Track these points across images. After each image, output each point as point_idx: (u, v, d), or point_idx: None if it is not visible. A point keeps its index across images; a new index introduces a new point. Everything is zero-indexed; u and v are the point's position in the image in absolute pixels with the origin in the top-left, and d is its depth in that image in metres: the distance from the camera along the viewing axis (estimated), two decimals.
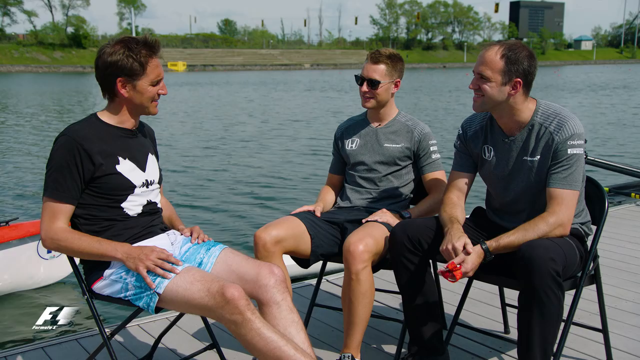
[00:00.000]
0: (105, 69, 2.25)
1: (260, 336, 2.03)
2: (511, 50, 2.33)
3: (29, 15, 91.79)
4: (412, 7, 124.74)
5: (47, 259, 5.24)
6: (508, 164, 2.48)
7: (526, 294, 2.21)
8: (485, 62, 2.35)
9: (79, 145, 2.20)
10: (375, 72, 2.88)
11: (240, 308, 2.02)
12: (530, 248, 2.19)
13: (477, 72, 2.39)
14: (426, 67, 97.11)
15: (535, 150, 2.40)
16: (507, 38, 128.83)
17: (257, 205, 9.05)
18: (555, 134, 2.35)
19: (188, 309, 2.14)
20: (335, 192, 3.13)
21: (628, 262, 4.31)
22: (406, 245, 2.47)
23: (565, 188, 2.34)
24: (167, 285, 2.13)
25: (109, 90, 2.30)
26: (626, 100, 28.23)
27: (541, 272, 2.13)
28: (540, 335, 2.22)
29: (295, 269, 3.00)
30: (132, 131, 2.39)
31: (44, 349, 2.99)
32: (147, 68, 2.26)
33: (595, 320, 2.91)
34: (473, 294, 2.93)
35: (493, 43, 2.39)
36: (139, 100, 2.30)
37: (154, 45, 2.28)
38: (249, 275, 2.29)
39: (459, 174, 2.65)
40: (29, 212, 8.57)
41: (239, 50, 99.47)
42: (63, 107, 26.59)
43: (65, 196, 2.21)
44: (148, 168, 2.41)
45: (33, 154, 13.82)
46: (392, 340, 3.02)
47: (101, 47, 2.29)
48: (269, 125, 19.42)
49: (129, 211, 2.34)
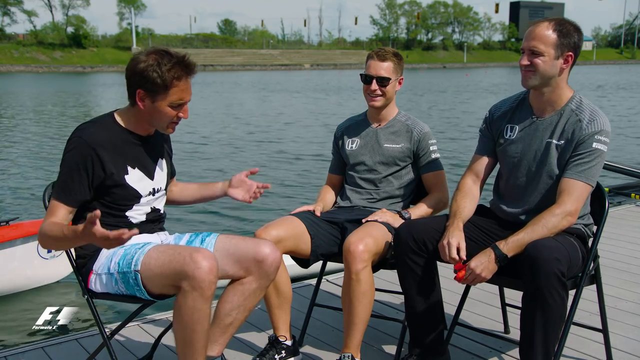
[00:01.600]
0: (130, 75, 2.20)
1: (192, 317, 2.07)
2: (561, 24, 2.34)
3: (29, 15, 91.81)
4: (412, 7, 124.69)
5: (47, 259, 5.24)
6: (531, 143, 2.47)
7: (531, 294, 2.20)
8: (538, 36, 2.34)
9: (92, 151, 2.17)
10: (383, 69, 2.88)
11: (203, 277, 2.02)
12: (535, 249, 2.18)
13: (529, 48, 2.36)
14: (426, 68, 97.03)
15: (562, 135, 2.40)
16: (507, 39, 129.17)
17: (257, 205, 9.04)
18: (585, 124, 2.35)
19: (164, 280, 2.11)
20: (335, 192, 3.13)
21: (628, 263, 4.31)
22: (410, 246, 2.46)
23: (580, 180, 2.34)
24: (142, 260, 2.14)
25: (130, 95, 2.25)
26: (625, 101, 28.22)
27: (547, 272, 2.12)
28: (543, 336, 2.21)
29: (295, 269, 3.00)
30: (145, 138, 2.36)
31: (44, 349, 2.99)
32: (171, 89, 2.17)
33: (595, 320, 2.91)
34: (473, 294, 2.92)
35: (540, 20, 2.37)
36: (155, 117, 2.25)
37: (188, 66, 2.19)
38: (248, 252, 2.32)
39: (480, 157, 2.66)
40: (29, 211, 8.57)
41: (238, 51, 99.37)
42: (64, 107, 26.58)
43: (68, 198, 2.19)
44: (156, 176, 2.40)
45: (34, 153, 13.80)
46: (392, 340, 3.02)
47: (138, 51, 2.26)
48: (267, 126, 19.42)
49: (132, 219, 2.34)
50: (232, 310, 2.34)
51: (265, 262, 2.32)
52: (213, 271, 2.05)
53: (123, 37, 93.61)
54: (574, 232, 2.44)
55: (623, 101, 28.00)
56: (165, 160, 2.48)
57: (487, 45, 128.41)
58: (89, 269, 2.30)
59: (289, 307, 2.73)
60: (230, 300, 2.33)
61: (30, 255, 5.14)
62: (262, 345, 2.87)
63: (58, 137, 16.59)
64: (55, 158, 13.32)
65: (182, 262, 2.05)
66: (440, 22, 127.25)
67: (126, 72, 2.22)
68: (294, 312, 2.85)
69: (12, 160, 13.10)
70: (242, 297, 2.33)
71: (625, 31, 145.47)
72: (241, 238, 2.43)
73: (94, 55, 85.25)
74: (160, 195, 2.44)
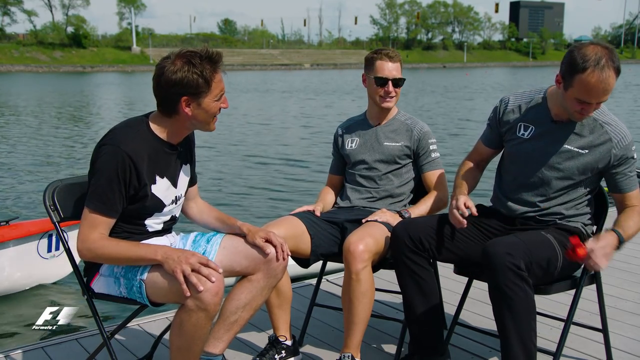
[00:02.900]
0: (169, 87, 2.12)
1: (195, 333, 2.07)
2: (617, 60, 2.22)
3: (29, 14, 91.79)
4: (412, 7, 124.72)
5: (47, 259, 5.24)
6: (548, 146, 2.46)
7: (492, 291, 2.24)
8: (608, 91, 2.25)
9: (131, 162, 2.13)
10: (396, 70, 2.90)
11: (209, 300, 2.01)
12: (491, 245, 2.23)
13: (599, 102, 2.30)
14: (426, 67, 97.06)
15: (584, 143, 2.41)
16: (507, 38, 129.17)
17: (256, 206, 9.05)
18: (615, 137, 2.40)
19: (170, 294, 2.10)
20: (335, 193, 3.13)
21: (628, 262, 4.31)
22: (408, 245, 2.46)
23: (636, 187, 2.45)
24: (148, 269, 2.13)
25: (170, 107, 2.18)
26: (624, 101, 28.22)
27: (500, 267, 2.15)
28: (516, 331, 2.21)
29: (295, 269, 3.00)
30: (176, 147, 2.31)
31: (44, 349, 2.99)
32: (212, 84, 2.16)
33: (595, 320, 2.91)
34: (473, 293, 2.92)
35: (601, 67, 2.19)
36: (203, 117, 2.21)
37: (216, 58, 2.18)
38: (257, 249, 2.32)
39: (482, 146, 2.73)
40: (29, 211, 8.57)
41: (239, 50, 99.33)
42: (63, 107, 26.58)
43: (110, 210, 2.15)
44: (179, 183, 2.37)
45: (33, 154, 13.81)
46: (392, 340, 3.02)
47: (160, 63, 2.15)
48: (266, 127, 19.43)
49: (150, 228, 2.33)
50: (238, 309, 2.33)
51: (273, 261, 2.32)
52: (220, 294, 2.05)
53: (123, 36, 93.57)
54: (569, 229, 2.46)
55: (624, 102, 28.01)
56: (189, 166, 2.44)
57: (487, 45, 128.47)
58: (96, 270, 2.30)
59: (289, 306, 2.73)
60: (237, 298, 2.32)
61: (31, 254, 5.14)
62: (262, 345, 2.88)
63: (57, 137, 16.62)
64: (54, 157, 13.33)
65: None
66: (440, 22, 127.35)
67: (160, 87, 2.14)
68: (294, 312, 2.85)
69: (12, 161, 13.10)
70: (249, 295, 2.33)
71: (625, 31, 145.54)
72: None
73: (94, 55, 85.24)
74: (181, 202, 2.43)
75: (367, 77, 2.97)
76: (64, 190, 2.42)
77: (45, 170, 11.88)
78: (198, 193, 2.61)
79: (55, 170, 11.98)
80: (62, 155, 13.72)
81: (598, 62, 2.18)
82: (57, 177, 3.83)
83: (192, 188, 2.55)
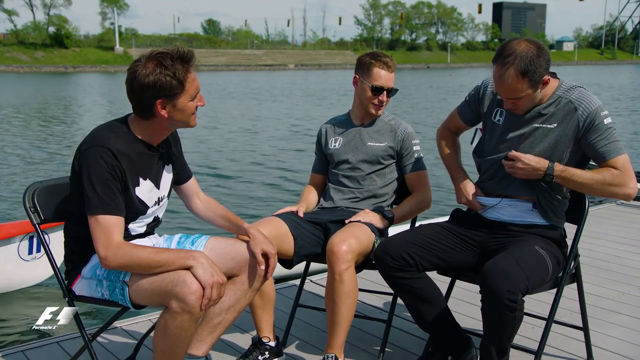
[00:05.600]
0: (143, 91, 2.08)
1: (179, 336, 2.06)
2: (525, 67, 2.25)
3: (10, 14, 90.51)
4: (396, 7, 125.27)
5: (28, 261, 5.17)
6: (518, 128, 2.48)
7: (485, 311, 2.27)
8: (511, 90, 2.31)
9: (117, 162, 2.10)
10: (392, 80, 2.93)
11: (194, 303, 2.00)
12: (491, 274, 2.19)
13: (507, 98, 2.37)
14: (410, 68, 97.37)
15: (552, 119, 2.42)
16: (490, 39, 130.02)
17: (239, 207, 9.02)
18: (580, 105, 2.38)
19: (154, 297, 2.08)
20: (318, 192, 3.13)
21: (608, 261, 4.37)
22: (392, 266, 2.46)
23: (621, 154, 2.38)
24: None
25: (146, 111, 2.14)
26: (610, 100, 28.57)
27: (500, 304, 2.15)
28: (497, 339, 2.29)
29: (279, 270, 2.99)
30: (156, 148, 2.28)
31: (24, 352, 2.95)
32: (186, 84, 2.12)
33: (576, 318, 2.94)
34: (456, 293, 2.94)
35: (504, 68, 2.27)
36: (180, 117, 2.17)
37: (188, 57, 2.13)
38: (244, 251, 2.34)
39: (459, 119, 2.79)
40: (9, 213, 8.47)
41: (222, 51, 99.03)
42: (44, 107, 26.28)
43: (118, 209, 2.10)
44: (162, 183, 2.35)
45: (14, 155, 13.64)
46: (376, 340, 3.02)
47: (132, 67, 2.11)
48: (250, 127, 19.38)
49: (132, 231, 2.30)
50: (222, 311, 2.33)
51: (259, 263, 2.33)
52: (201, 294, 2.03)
53: (106, 37, 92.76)
54: (554, 238, 2.47)
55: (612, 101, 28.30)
56: (171, 165, 2.41)
57: (470, 46, 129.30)
58: (77, 272, 2.27)
59: (272, 307, 2.73)
60: (222, 301, 2.28)
61: (11, 257, 5.07)
62: (245, 347, 2.87)
63: (39, 138, 16.44)
64: (35, 158, 13.18)
65: (174, 283, 2.01)
66: (424, 23, 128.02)
67: (134, 91, 2.11)
68: (277, 312, 2.85)
69: None
70: (234, 297, 2.33)
71: (606, 32, 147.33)
72: (235, 239, 2.44)
73: (76, 55, 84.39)
74: (164, 203, 2.40)
75: (361, 81, 2.95)
76: (44, 192, 2.39)
77: (26, 171, 11.74)
78: (199, 188, 2.59)
79: (34, 169, 11.85)
80: (43, 156, 13.56)
81: (505, 58, 2.28)
82: (38, 179, 3.79)
83: (190, 183, 2.53)
